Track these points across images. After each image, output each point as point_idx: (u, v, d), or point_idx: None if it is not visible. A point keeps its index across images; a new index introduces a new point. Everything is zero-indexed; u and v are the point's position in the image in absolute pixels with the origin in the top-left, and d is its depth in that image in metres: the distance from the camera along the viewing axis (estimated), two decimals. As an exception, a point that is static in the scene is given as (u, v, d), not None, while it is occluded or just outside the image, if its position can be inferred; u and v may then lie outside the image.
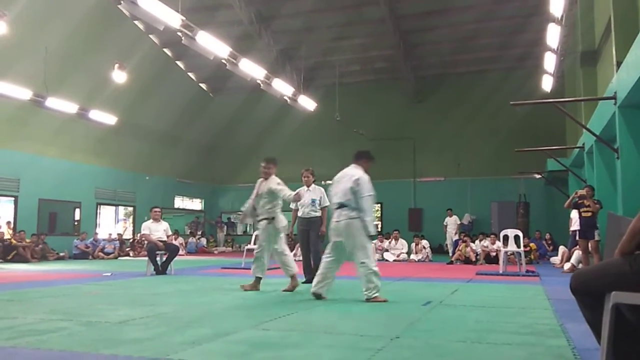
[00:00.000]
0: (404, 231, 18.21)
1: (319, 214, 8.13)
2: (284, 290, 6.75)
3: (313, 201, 8.09)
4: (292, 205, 8.17)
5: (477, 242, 14.83)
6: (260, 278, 6.90)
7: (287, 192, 6.71)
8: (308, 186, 8.23)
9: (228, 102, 23.43)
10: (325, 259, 6.02)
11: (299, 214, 8.19)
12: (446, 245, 17.91)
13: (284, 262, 6.97)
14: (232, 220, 24.94)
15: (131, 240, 18.86)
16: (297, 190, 6.90)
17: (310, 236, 8.08)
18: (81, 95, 16.23)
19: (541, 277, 9.46)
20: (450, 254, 15.48)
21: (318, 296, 5.91)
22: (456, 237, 16.21)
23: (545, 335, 3.90)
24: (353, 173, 5.94)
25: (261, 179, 7.19)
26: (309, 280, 7.71)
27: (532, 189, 19.49)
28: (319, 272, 6.05)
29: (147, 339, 3.68)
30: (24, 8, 14.21)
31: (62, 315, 4.66)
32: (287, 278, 7.08)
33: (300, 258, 8.45)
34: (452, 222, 17.64)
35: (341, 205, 5.84)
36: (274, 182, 6.93)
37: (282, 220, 6.97)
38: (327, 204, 8.09)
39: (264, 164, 7.21)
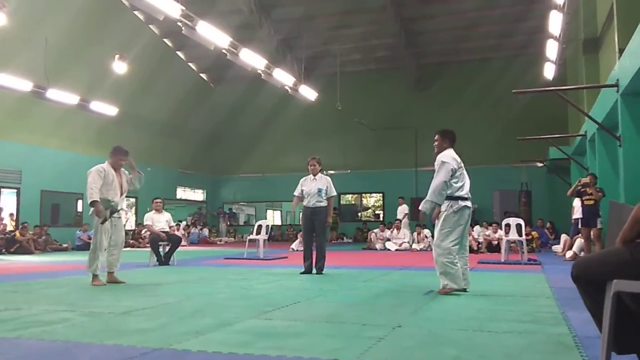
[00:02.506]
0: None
1: (325, 203, 7.88)
2: None
3: (319, 190, 7.83)
4: (296, 192, 8.02)
5: (477, 227, 14.84)
6: None
7: None
8: (314, 175, 8.00)
9: (229, 92, 23.39)
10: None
11: (304, 203, 7.93)
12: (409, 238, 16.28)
13: None
14: (234, 210, 25.00)
15: (133, 231, 18.89)
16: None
17: (315, 227, 7.89)
18: (82, 86, 16.22)
19: (543, 266, 9.48)
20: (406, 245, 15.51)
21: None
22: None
23: (547, 323, 3.91)
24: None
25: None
26: (308, 269, 7.73)
27: (534, 177, 19.47)
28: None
29: (151, 329, 3.70)
30: (24, -1, 14.17)
31: (66, 306, 4.68)
32: (292, 268, 7.08)
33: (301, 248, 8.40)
34: (401, 211, 17.21)
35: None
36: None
37: None
38: (334, 193, 8.04)
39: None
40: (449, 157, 5.58)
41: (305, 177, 8.07)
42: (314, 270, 7.78)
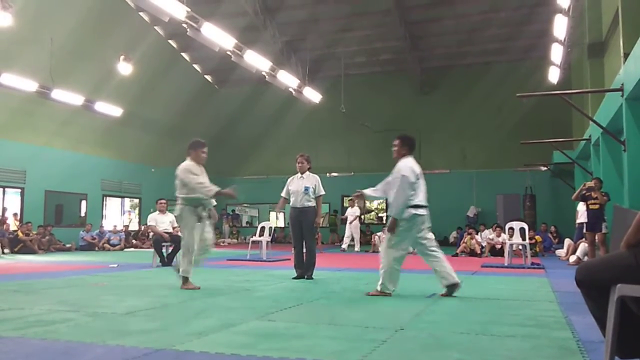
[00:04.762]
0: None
1: (313, 203, 7.39)
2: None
3: (306, 189, 7.33)
4: (283, 193, 7.59)
5: (480, 234, 14.83)
6: None
7: None
8: (302, 173, 7.52)
9: (233, 94, 23.43)
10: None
11: (291, 203, 7.47)
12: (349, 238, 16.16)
13: None
14: (237, 212, 25.02)
15: (137, 232, 18.94)
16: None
17: (303, 228, 7.40)
18: (87, 87, 16.27)
19: (546, 270, 9.45)
20: (350, 247, 15.37)
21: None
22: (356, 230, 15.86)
23: (550, 327, 3.90)
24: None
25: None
26: (300, 276, 7.35)
27: (538, 182, 19.43)
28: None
29: (153, 329, 3.70)
30: (30, 0, 14.22)
31: (69, 306, 4.69)
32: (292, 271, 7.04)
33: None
34: (351, 213, 16.45)
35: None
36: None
37: None
38: (323, 192, 7.52)
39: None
40: (408, 169, 5.64)
41: (292, 176, 7.66)
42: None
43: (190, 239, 6.20)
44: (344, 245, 15.90)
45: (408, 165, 5.68)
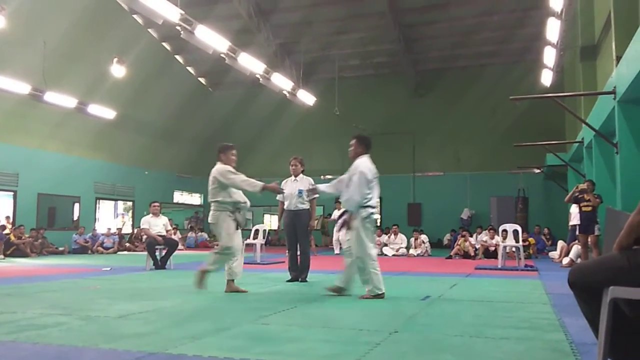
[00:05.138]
0: (403, 226, 18.22)
1: (307, 206, 7.47)
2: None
3: (300, 192, 7.37)
4: (279, 197, 7.60)
5: (475, 236, 14.87)
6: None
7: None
8: (296, 176, 7.56)
9: (227, 97, 23.40)
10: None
11: (285, 206, 7.53)
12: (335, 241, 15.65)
13: None
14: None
15: (130, 235, 18.87)
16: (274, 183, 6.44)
17: (297, 231, 7.44)
18: (80, 89, 16.20)
19: (540, 272, 9.48)
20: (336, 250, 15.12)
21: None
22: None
23: (544, 329, 3.91)
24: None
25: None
26: (294, 278, 7.36)
27: (531, 184, 19.50)
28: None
29: (147, 333, 3.69)
30: (23, 2, 14.17)
31: (62, 310, 4.66)
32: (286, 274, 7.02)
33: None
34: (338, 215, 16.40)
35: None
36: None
37: None
38: (317, 195, 7.37)
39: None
40: (366, 167, 5.72)
41: (286, 179, 7.70)
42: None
43: (234, 243, 6.13)
44: (337, 250, 15.65)
45: (366, 164, 5.76)
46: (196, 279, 6.04)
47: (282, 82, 17.45)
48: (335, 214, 15.92)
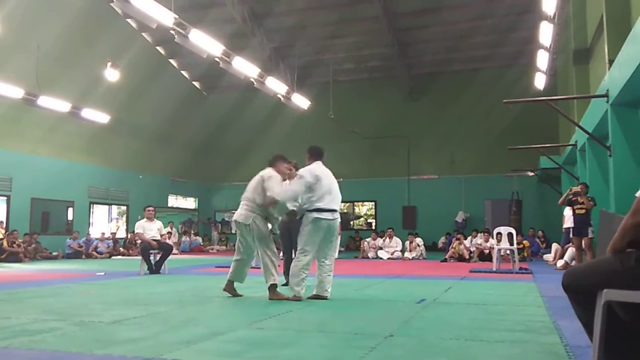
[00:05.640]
0: (398, 229, 18.23)
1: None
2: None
3: None
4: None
5: (471, 239, 14.90)
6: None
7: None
8: (290, 180, 7.39)
9: (222, 101, 23.39)
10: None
11: None
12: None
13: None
14: (226, 219, 24.92)
15: (124, 240, 18.80)
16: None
17: (292, 235, 7.23)
18: (74, 93, 16.16)
19: (534, 275, 9.51)
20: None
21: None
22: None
23: (538, 332, 3.92)
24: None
25: None
26: (289, 282, 7.42)
27: (525, 187, 19.57)
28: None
29: (141, 338, 3.67)
30: (16, 6, 14.13)
31: (56, 315, 4.64)
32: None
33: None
34: None
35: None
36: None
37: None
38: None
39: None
40: (306, 171, 5.85)
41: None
42: None
43: (273, 246, 6.11)
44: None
45: (307, 168, 5.92)
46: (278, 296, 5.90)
47: (276, 86, 17.47)
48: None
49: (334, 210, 5.87)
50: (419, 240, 15.90)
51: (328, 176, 5.99)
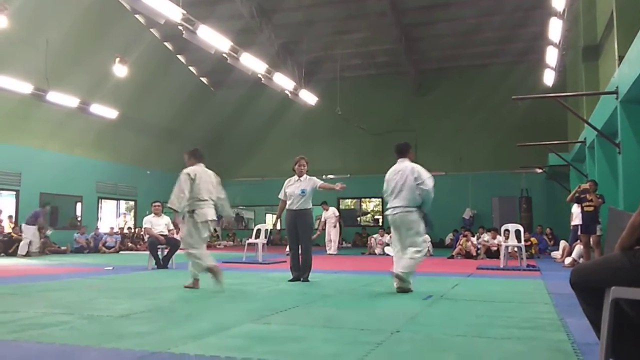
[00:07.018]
0: (405, 226, 18.14)
1: (309, 206, 7.45)
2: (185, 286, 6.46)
3: (303, 192, 7.35)
4: (280, 196, 7.59)
5: (478, 236, 14.86)
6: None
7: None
8: (300, 176, 7.51)
9: (229, 96, 23.40)
10: None
11: (287, 206, 7.48)
12: (330, 242, 15.61)
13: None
14: (241, 214, 25.11)
15: (132, 234, 18.89)
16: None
17: (299, 231, 7.39)
18: (82, 89, 16.23)
19: (542, 272, 9.47)
20: (331, 252, 15.12)
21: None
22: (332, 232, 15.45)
23: (546, 329, 3.91)
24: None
25: None
26: (296, 278, 7.32)
27: (533, 184, 19.48)
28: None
29: (149, 332, 3.69)
30: (25, 2, 14.17)
31: (64, 309, 4.67)
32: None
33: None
34: (329, 216, 15.71)
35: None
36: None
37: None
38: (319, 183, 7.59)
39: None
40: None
41: (289, 178, 7.65)
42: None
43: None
44: (332, 250, 15.53)
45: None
46: None
47: (284, 81, 17.46)
48: (324, 215, 15.94)
49: (394, 207, 6.42)
50: (426, 236, 15.81)
51: (398, 175, 6.67)
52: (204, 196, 6.64)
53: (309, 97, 19.22)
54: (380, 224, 21.21)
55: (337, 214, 16.06)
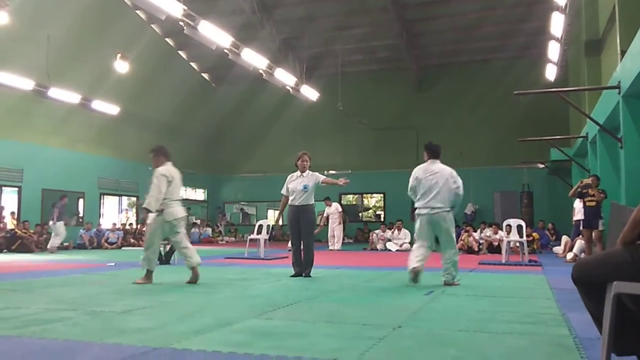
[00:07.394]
0: (407, 221, 18.17)
1: (311, 201, 7.45)
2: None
3: (305, 187, 7.33)
4: (283, 191, 7.59)
5: (480, 231, 14.85)
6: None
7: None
8: (302, 171, 7.48)
9: (230, 92, 23.40)
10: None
11: (290, 201, 7.47)
12: (333, 237, 15.48)
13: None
14: (246, 210, 25.24)
15: (134, 230, 18.91)
16: None
17: (301, 226, 7.38)
18: (84, 85, 16.23)
19: (544, 267, 9.47)
20: (333, 247, 15.05)
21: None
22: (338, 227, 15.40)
23: (547, 324, 3.91)
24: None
25: None
26: (298, 274, 7.33)
27: (535, 179, 19.47)
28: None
29: (151, 328, 3.70)
30: (26, -2, 14.18)
31: (66, 305, 4.68)
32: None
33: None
34: (332, 212, 15.63)
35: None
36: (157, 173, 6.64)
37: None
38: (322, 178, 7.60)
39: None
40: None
41: (292, 174, 7.63)
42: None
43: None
44: (336, 246, 15.50)
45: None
46: None
47: (285, 77, 17.45)
48: (327, 210, 15.93)
49: (432, 207, 6.49)
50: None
51: (436, 176, 6.68)
52: (176, 196, 6.70)
53: (310, 93, 19.20)
54: (382, 219, 21.22)
55: (340, 209, 16.03)
